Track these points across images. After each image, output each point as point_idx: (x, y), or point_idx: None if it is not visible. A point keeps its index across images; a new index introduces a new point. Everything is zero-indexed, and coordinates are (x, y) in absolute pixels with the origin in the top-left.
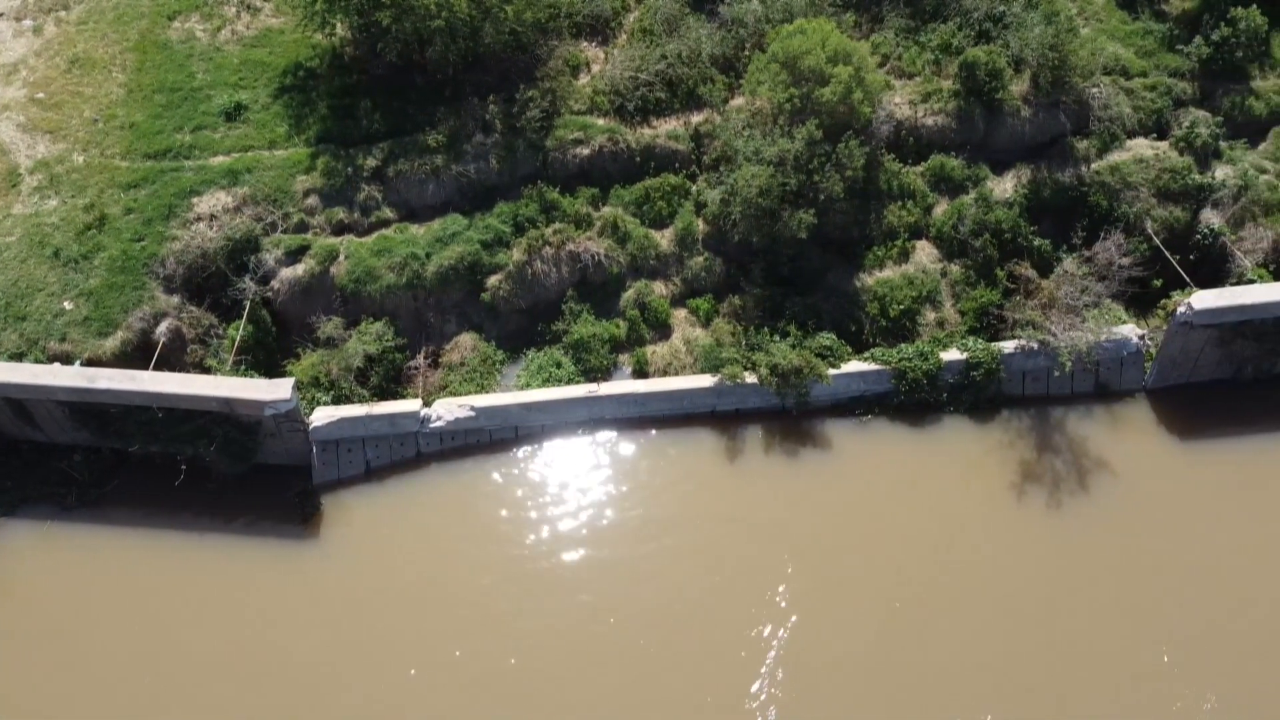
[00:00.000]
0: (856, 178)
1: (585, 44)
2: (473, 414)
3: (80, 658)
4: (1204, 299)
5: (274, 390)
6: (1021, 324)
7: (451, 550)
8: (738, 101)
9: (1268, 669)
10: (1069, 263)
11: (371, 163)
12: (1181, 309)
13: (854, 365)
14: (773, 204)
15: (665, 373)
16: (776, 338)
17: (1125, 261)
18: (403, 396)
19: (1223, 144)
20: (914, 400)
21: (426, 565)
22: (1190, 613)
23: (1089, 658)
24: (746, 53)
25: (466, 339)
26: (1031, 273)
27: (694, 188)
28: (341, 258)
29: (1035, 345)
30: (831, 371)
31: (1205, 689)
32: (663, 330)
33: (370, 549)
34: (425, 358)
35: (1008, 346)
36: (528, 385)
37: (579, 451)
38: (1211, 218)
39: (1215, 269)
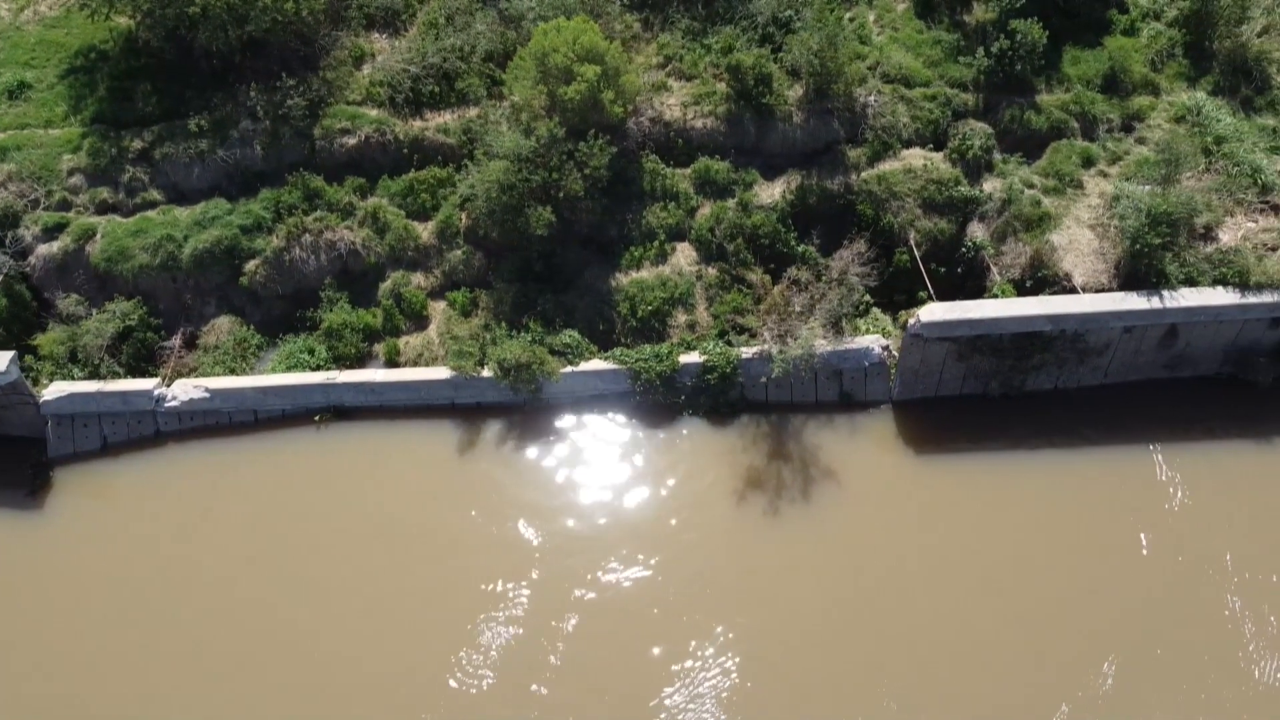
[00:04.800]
0: (599, 177)
1: (376, 35)
2: (208, 395)
3: None
4: (932, 312)
5: None
6: (738, 330)
7: (174, 530)
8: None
9: (956, 686)
10: (793, 271)
11: (138, 145)
12: (912, 321)
13: (594, 364)
14: (514, 200)
15: (416, 363)
16: (516, 333)
17: (859, 271)
18: (155, 376)
19: (997, 157)
20: (651, 401)
21: (144, 542)
22: (887, 622)
23: (784, 653)
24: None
25: (224, 322)
26: (764, 279)
27: (459, 180)
28: (98, 236)
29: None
30: (570, 370)
31: (896, 701)
32: (420, 321)
33: (89, 523)
34: (181, 339)
35: (746, 352)
36: (275, 370)
37: (315, 438)
38: (977, 231)
39: (979, 283)
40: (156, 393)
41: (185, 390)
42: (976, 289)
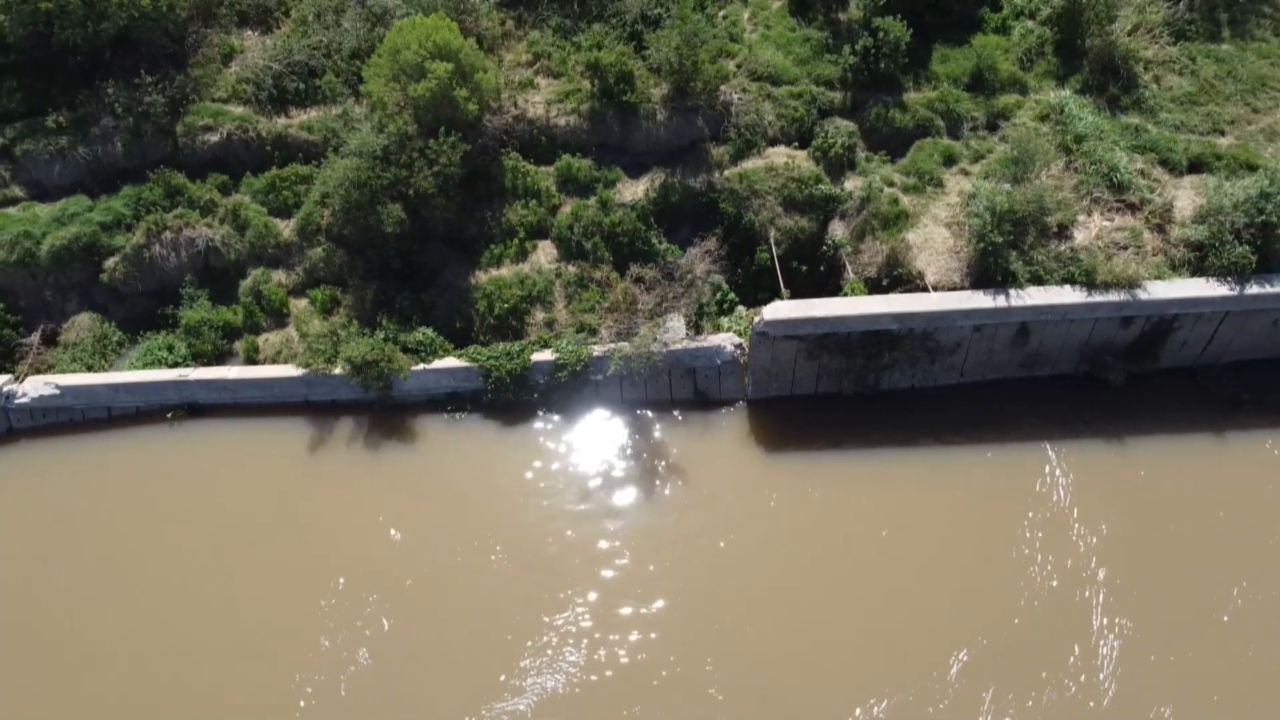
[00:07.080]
0: (450, 174)
1: (249, 32)
2: (58, 392)
3: None
4: (776, 310)
5: None
6: (579, 328)
7: (23, 527)
8: None
9: (792, 679)
10: (636, 269)
11: None
12: (757, 319)
13: (447, 362)
14: (365, 198)
15: (276, 361)
16: (371, 331)
17: (702, 269)
18: (12, 373)
19: (861, 155)
20: (503, 399)
21: None
22: (735, 615)
23: (625, 643)
24: None
25: (84, 319)
26: (611, 276)
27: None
28: None
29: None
30: (422, 367)
31: (724, 691)
32: (281, 319)
33: None
34: (40, 335)
35: (598, 350)
36: (132, 367)
37: (169, 436)
38: (837, 229)
39: (839, 281)
40: (6, 389)
41: (36, 387)
42: (837, 287)
